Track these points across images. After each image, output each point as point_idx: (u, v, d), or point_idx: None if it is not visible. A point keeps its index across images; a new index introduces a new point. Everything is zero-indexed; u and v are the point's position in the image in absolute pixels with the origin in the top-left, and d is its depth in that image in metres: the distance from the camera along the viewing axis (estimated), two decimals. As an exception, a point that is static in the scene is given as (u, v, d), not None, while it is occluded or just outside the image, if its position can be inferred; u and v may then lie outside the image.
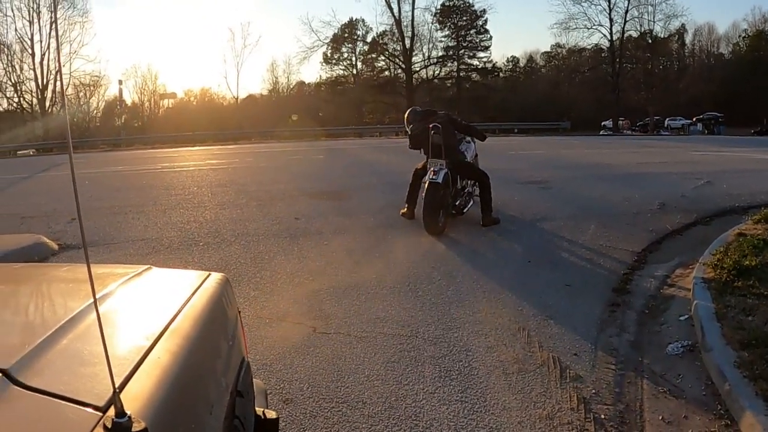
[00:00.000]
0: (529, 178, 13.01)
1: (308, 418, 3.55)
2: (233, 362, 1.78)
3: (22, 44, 52.86)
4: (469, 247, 7.50)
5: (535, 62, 75.69)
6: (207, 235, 8.20)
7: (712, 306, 4.83)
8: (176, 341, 1.38)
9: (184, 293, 1.72)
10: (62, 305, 1.72)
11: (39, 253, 7.38)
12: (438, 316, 5.19)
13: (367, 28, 66.98)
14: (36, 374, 1.09)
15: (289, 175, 14.85)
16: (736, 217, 8.80)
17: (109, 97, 64.23)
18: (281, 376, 4.08)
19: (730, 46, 69.58)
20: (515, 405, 3.70)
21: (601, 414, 3.61)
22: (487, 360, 4.35)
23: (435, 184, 7.77)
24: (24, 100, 54.93)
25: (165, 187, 13.15)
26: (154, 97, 68.26)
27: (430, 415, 3.56)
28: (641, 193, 10.87)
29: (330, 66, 68.85)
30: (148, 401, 1.10)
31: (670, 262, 6.79)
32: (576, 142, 30.06)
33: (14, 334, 1.45)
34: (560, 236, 8.00)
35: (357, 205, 10.16)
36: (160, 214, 9.65)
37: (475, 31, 66.53)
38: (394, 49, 64.32)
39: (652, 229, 8.26)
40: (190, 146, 34.98)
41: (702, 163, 16.70)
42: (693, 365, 4.23)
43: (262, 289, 5.92)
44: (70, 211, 10.00)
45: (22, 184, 15.71)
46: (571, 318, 5.17)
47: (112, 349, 1.04)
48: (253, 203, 10.48)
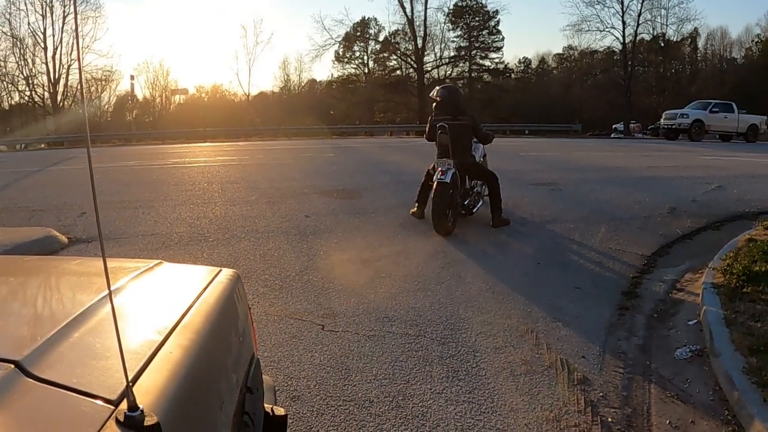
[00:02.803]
0: (540, 180, 12.97)
1: (315, 416, 3.55)
2: (243, 358, 1.78)
3: (34, 38, 53.12)
4: (478, 247, 7.49)
5: (547, 64, 75.43)
6: (217, 231, 8.21)
7: (721, 311, 4.82)
8: (188, 336, 1.38)
9: (196, 288, 1.72)
10: (74, 298, 1.72)
11: (49, 246, 7.42)
12: (446, 316, 5.19)
13: (379, 27, 66.95)
14: (48, 367, 1.09)
15: (299, 173, 14.86)
16: (746, 222, 8.75)
17: (120, 92, 64.55)
18: (289, 373, 4.09)
19: (743, 51, 69.14)
20: (522, 406, 3.70)
21: (608, 417, 3.61)
22: (495, 361, 4.35)
23: (443, 184, 7.76)
24: (36, 93, 55.24)
25: (175, 182, 13.17)
26: (166, 93, 68.37)
27: (437, 415, 3.57)
28: (652, 196, 10.83)
29: (342, 64, 68.85)
30: (160, 395, 1.10)
31: (679, 267, 6.78)
32: (587, 144, 29.97)
33: (26, 327, 1.45)
34: (570, 238, 7.99)
35: (367, 203, 10.15)
36: (170, 210, 9.68)
37: (488, 31, 66.41)
38: (406, 48, 64.29)
39: (662, 233, 8.23)
40: (200, 142, 35.04)
41: (713, 167, 16.62)
42: (701, 370, 4.23)
43: (271, 286, 5.93)
44: (80, 204, 10.04)
45: (33, 178, 15.76)
46: (580, 320, 5.16)
47: (125, 343, 1.04)
48: (263, 200, 10.49)
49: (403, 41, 64.79)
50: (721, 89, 61.40)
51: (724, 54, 70.73)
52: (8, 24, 52.42)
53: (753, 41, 67.18)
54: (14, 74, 54.18)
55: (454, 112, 8.34)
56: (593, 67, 66.76)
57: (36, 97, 55.33)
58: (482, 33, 66.37)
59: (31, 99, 55.30)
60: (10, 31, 52.54)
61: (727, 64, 69.47)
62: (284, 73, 73.45)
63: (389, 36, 65.61)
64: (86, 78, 52.96)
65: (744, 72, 63.65)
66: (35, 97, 55.26)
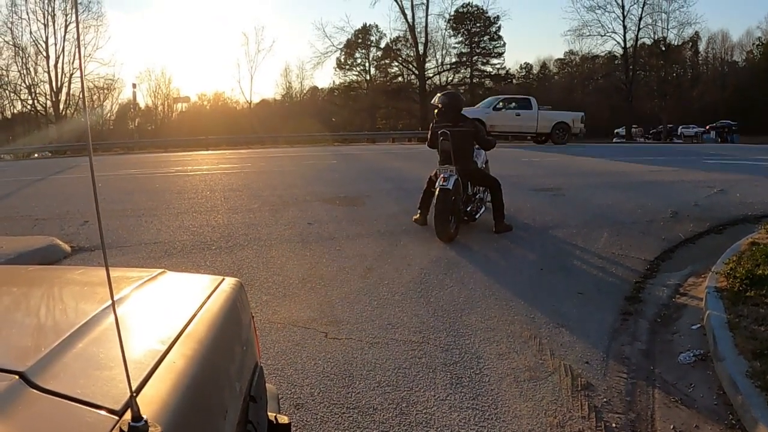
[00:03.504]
0: (542, 185, 12.97)
1: (319, 424, 3.55)
2: (247, 367, 1.79)
3: (36, 47, 53.37)
4: (481, 253, 7.49)
5: (549, 69, 75.67)
6: (219, 239, 8.22)
7: (725, 315, 4.81)
8: (191, 345, 1.38)
9: (199, 297, 1.72)
10: (77, 308, 1.72)
11: (52, 255, 7.42)
12: (450, 322, 5.18)
13: (380, 33, 67.26)
14: (52, 377, 1.09)
15: (301, 180, 14.86)
16: (749, 226, 8.74)
17: (122, 100, 64.92)
18: (293, 381, 4.09)
19: (744, 54, 69.36)
20: (526, 413, 3.69)
21: (612, 423, 3.60)
22: (499, 367, 4.34)
23: (445, 190, 7.76)
24: (38, 102, 55.41)
25: (178, 190, 13.18)
26: (168, 101, 68.66)
27: (441, 422, 3.56)
28: (654, 201, 10.82)
29: (343, 71, 69.17)
30: (163, 405, 1.10)
31: (682, 271, 6.77)
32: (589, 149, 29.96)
33: (30, 337, 1.45)
34: (573, 244, 7.98)
35: (370, 210, 10.16)
36: (172, 218, 9.69)
37: (489, 37, 66.71)
38: (408, 55, 64.52)
39: (664, 237, 8.22)
40: (203, 150, 35.08)
41: (715, 171, 16.60)
42: (705, 375, 4.22)
43: (274, 294, 5.94)
44: (83, 213, 10.05)
45: (36, 186, 15.79)
46: (583, 326, 5.16)
47: (128, 352, 1.04)
48: (265, 208, 10.49)
49: (404, 48, 65.07)
50: (723, 92, 61.55)
51: (726, 57, 70.92)
52: (10, 33, 52.77)
53: (754, 44, 67.36)
54: (16, 83, 54.48)
55: (455, 119, 8.34)
56: (594, 72, 66.99)
57: (38, 105, 55.58)
58: (483, 39, 66.66)
59: (34, 108, 55.53)
60: (13, 40, 52.92)
61: (728, 68, 69.64)
62: (286, 80, 73.85)
63: (390, 43, 65.90)
64: (88, 86, 53.20)
65: (745, 75, 63.81)
66: (37, 105, 55.51)
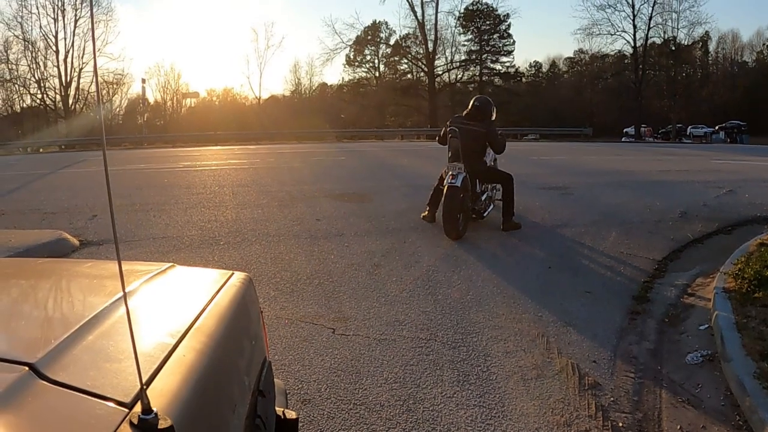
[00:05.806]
0: (551, 184, 12.95)
1: (326, 419, 3.55)
2: (256, 361, 1.79)
3: (46, 41, 53.46)
4: (489, 251, 7.48)
5: (558, 68, 75.37)
6: (228, 234, 8.23)
7: (733, 316, 4.79)
8: (201, 339, 1.38)
9: (208, 291, 1.72)
10: (86, 301, 1.72)
11: (60, 249, 7.45)
12: (457, 320, 5.18)
13: (390, 30, 67.18)
14: (62, 369, 1.09)
15: (310, 176, 14.88)
16: (757, 227, 8.72)
17: (132, 95, 64.82)
18: (300, 377, 4.10)
19: (754, 54, 68.90)
20: (533, 411, 3.69)
21: (619, 422, 3.59)
22: (506, 365, 4.34)
23: (453, 188, 7.76)
24: (48, 97, 55.53)
25: (186, 186, 13.22)
26: (177, 96, 68.64)
27: (448, 419, 3.56)
28: (662, 201, 10.80)
29: (352, 68, 69.09)
30: (173, 398, 1.10)
31: (690, 271, 6.75)
32: (598, 148, 29.91)
33: (39, 329, 1.45)
34: (581, 242, 7.97)
35: (378, 207, 10.16)
36: (181, 213, 9.71)
37: (498, 35, 66.45)
38: (417, 52, 64.40)
39: (673, 237, 8.20)
40: (211, 146, 35.15)
41: (724, 171, 16.55)
42: (712, 375, 4.20)
43: (282, 290, 5.94)
44: (92, 207, 10.08)
45: (45, 180, 15.84)
46: (591, 325, 5.15)
47: (138, 345, 1.04)
48: (274, 203, 10.51)
49: (413, 45, 64.97)
50: (733, 93, 61.24)
51: (736, 57, 70.50)
52: (20, 27, 52.81)
53: (764, 44, 66.95)
54: (26, 77, 54.56)
55: (473, 119, 8.34)
56: (604, 71, 66.71)
57: (48, 100, 55.67)
58: (493, 37, 66.40)
59: (43, 102, 55.62)
60: (22, 34, 52.95)
61: (738, 68, 69.22)
62: (295, 76, 73.67)
63: (400, 40, 65.80)
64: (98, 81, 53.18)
65: (755, 75, 63.45)
66: (47, 100, 55.60)
